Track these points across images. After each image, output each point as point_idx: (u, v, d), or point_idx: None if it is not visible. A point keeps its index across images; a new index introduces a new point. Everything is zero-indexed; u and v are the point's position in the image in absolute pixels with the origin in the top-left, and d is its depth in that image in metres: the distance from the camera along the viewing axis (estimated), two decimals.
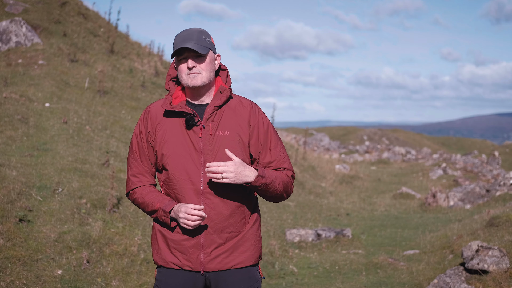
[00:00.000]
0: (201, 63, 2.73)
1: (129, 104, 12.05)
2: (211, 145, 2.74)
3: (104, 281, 5.37)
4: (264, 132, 2.84)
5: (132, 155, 2.88)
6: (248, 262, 2.82)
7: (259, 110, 2.88)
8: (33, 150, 7.80)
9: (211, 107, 2.77)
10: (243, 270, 2.81)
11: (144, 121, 2.84)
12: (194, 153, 2.74)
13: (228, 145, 2.75)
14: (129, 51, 16.07)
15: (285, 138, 21.40)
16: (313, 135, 32.59)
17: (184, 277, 2.79)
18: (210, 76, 2.77)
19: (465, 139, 61.98)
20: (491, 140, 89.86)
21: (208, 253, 2.75)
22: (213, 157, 2.73)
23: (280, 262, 7.22)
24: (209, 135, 2.74)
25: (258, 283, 2.87)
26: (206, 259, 2.75)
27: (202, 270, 2.76)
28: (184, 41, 2.70)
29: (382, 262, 7.21)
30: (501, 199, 11.16)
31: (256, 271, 2.88)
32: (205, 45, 2.73)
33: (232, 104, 2.83)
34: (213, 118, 2.77)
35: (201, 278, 2.78)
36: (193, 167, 2.73)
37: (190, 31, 2.75)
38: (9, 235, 5.40)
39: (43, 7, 15.09)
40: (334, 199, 13.13)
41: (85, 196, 6.52)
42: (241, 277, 2.80)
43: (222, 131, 2.76)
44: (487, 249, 5.77)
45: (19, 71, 11.61)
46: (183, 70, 2.74)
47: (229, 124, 2.78)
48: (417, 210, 11.91)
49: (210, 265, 2.76)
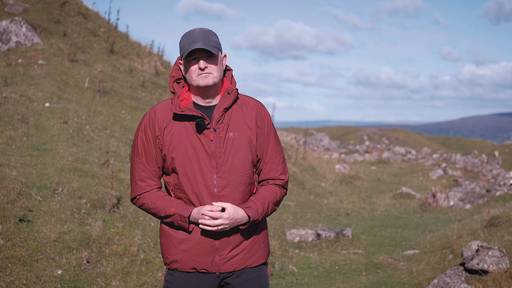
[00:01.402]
0: (212, 63, 2.72)
1: (129, 104, 12.05)
2: (223, 147, 2.73)
3: (104, 281, 5.37)
4: (267, 135, 2.85)
5: (138, 159, 2.81)
6: (260, 261, 2.86)
7: (265, 110, 2.88)
8: (33, 150, 7.80)
9: (220, 108, 2.75)
10: (255, 268, 2.85)
11: (150, 124, 2.78)
12: (205, 156, 2.72)
13: (239, 147, 2.75)
14: (129, 51, 16.07)
15: (285, 138, 21.41)
16: (313, 135, 32.59)
17: (198, 279, 2.80)
18: (220, 76, 2.76)
19: (465, 139, 62.02)
20: (491, 140, 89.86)
21: (224, 256, 2.77)
22: (225, 160, 2.73)
23: (280, 262, 7.22)
24: (220, 138, 2.74)
25: (268, 280, 2.93)
26: (221, 261, 2.77)
27: (217, 272, 2.78)
28: (194, 41, 2.68)
29: (382, 262, 7.21)
30: (501, 199, 11.15)
31: (266, 268, 2.92)
32: (215, 45, 2.72)
33: (239, 104, 2.83)
34: (223, 120, 2.76)
35: (215, 279, 2.80)
36: (206, 170, 2.72)
37: (199, 32, 2.72)
38: (9, 235, 5.40)
39: (43, 7, 15.09)
40: (334, 199, 13.13)
41: (85, 196, 6.52)
42: (253, 276, 2.84)
43: (232, 133, 2.75)
44: (487, 249, 5.77)
45: (19, 71, 11.62)
46: (193, 71, 2.72)
47: (238, 125, 2.78)
48: (417, 210, 11.91)
49: (225, 266, 2.78)
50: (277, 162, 2.87)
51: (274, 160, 2.86)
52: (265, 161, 2.85)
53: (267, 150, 2.85)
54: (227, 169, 2.73)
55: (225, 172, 2.73)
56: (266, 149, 2.85)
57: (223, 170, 2.73)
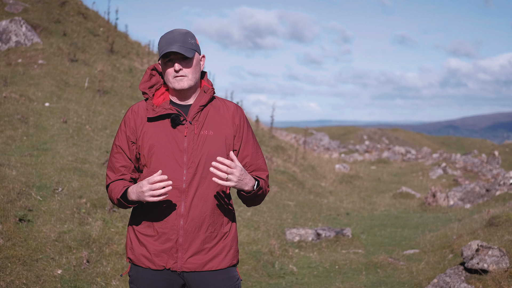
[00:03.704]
0: (187, 66, 2.73)
1: (129, 104, 12.05)
2: (195, 144, 2.74)
3: (104, 281, 5.37)
4: (246, 135, 2.86)
5: (116, 149, 2.84)
6: (227, 263, 2.81)
7: (243, 112, 2.90)
8: (33, 149, 7.80)
9: (195, 106, 2.77)
10: (222, 271, 2.80)
11: (130, 120, 2.81)
12: (177, 151, 2.73)
13: (212, 145, 2.75)
14: (128, 51, 16.07)
15: (285, 138, 21.42)
16: (313, 134, 32.61)
17: (160, 276, 2.77)
18: (196, 78, 2.77)
19: (465, 139, 62.02)
20: (491, 139, 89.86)
21: (186, 252, 2.74)
22: (197, 156, 2.73)
23: (280, 262, 7.22)
24: (194, 134, 2.74)
25: (238, 283, 2.86)
26: (184, 259, 2.74)
27: (179, 270, 2.75)
28: (170, 43, 2.69)
29: (382, 262, 7.21)
30: (501, 199, 11.16)
31: (235, 271, 2.87)
32: (191, 47, 2.72)
33: (217, 104, 2.84)
34: (198, 118, 2.77)
35: (177, 277, 2.77)
36: (176, 165, 2.72)
37: (175, 33, 2.73)
38: (9, 235, 5.39)
39: (43, 6, 15.10)
40: (334, 199, 13.13)
41: (85, 196, 6.52)
42: (221, 278, 2.79)
43: (206, 131, 2.76)
44: (487, 248, 5.77)
45: (19, 71, 11.62)
46: (169, 73, 2.73)
47: (214, 124, 2.79)
48: (417, 210, 11.91)
49: (188, 265, 2.75)
50: (261, 162, 2.88)
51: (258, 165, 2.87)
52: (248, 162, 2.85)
53: (249, 150, 2.85)
54: (198, 166, 2.72)
55: (196, 168, 2.72)
56: (245, 150, 2.85)
57: (193, 166, 2.72)
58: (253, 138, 2.91)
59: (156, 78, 2.87)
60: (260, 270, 6.72)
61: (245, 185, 2.67)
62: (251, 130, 2.92)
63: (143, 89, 2.84)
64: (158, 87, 2.86)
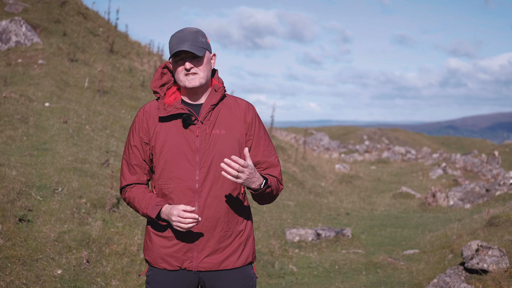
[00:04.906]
0: (198, 64, 2.73)
1: (129, 104, 12.05)
2: (208, 143, 2.73)
3: (104, 281, 5.37)
4: (257, 132, 2.85)
5: (130, 149, 2.84)
6: (242, 261, 2.82)
7: (254, 109, 2.89)
8: (33, 149, 7.80)
9: (207, 105, 2.77)
10: (238, 269, 2.81)
11: (143, 121, 2.81)
12: (189, 151, 2.72)
13: (224, 144, 2.75)
14: (128, 51, 16.07)
15: (285, 138, 21.42)
16: (313, 134, 32.60)
17: (176, 276, 2.78)
18: (207, 76, 2.77)
19: (465, 139, 62.00)
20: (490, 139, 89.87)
21: (201, 252, 2.75)
22: (210, 156, 2.72)
23: (280, 262, 7.22)
24: (206, 134, 2.74)
25: (253, 281, 2.87)
26: (199, 258, 2.75)
27: (194, 269, 2.76)
28: (181, 42, 2.69)
29: (382, 262, 7.21)
30: (501, 199, 11.16)
31: (251, 269, 2.87)
32: (202, 46, 2.72)
33: (228, 103, 2.84)
34: (209, 117, 2.76)
35: (194, 277, 2.78)
36: (189, 165, 2.72)
37: (186, 32, 2.73)
38: (9, 235, 5.39)
39: (43, 6, 15.09)
40: (334, 199, 13.13)
41: (85, 196, 6.52)
42: (236, 276, 2.80)
43: (218, 130, 2.75)
44: (487, 248, 5.77)
45: (18, 71, 11.62)
46: (180, 72, 2.73)
47: (225, 123, 2.78)
48: (417, 210, 11.91)
49: (204, 264, 2.76)
50: (273, 159, 2.87)
51: (270, 162, 2.86)
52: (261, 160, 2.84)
53: (261, 147, 2.84)
54: (211, 165, 2.72)
55: (208, 168, 2.72)
56: (259, 145, 2.84)
57: (206, 166, 2.72)
58: (265, 134, 2.89)
59: (167, 76, 2.86)
60: (260, 270, 6.72)
61: (252, 183, 2.66)
62: (263, 127, 2.90)
63: (154, 88, 2.83)
64: (169, 86, 2.86)
